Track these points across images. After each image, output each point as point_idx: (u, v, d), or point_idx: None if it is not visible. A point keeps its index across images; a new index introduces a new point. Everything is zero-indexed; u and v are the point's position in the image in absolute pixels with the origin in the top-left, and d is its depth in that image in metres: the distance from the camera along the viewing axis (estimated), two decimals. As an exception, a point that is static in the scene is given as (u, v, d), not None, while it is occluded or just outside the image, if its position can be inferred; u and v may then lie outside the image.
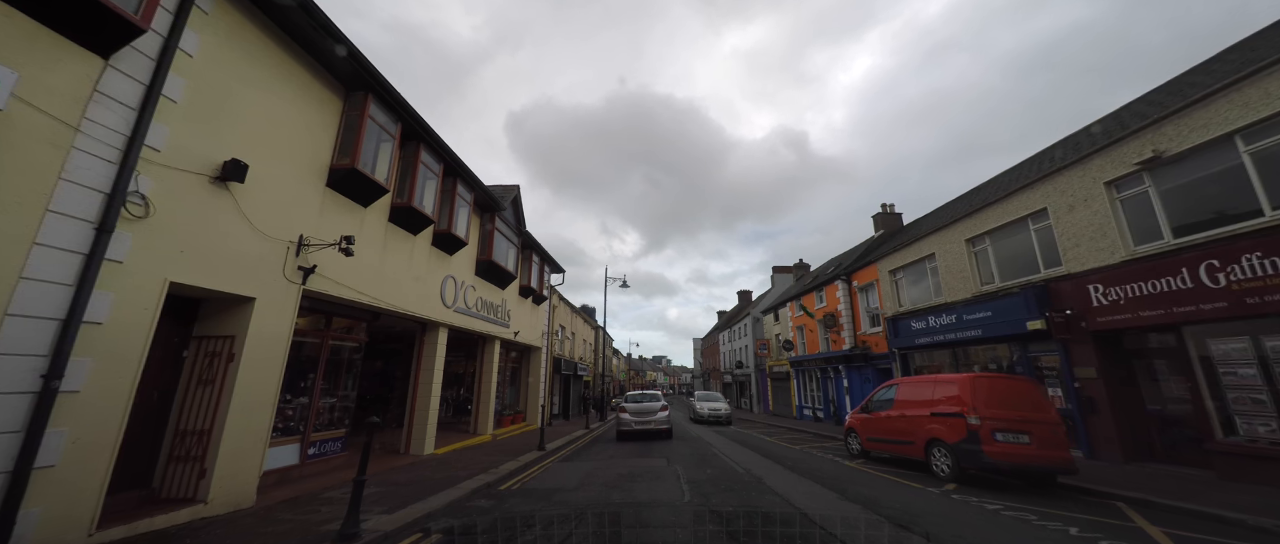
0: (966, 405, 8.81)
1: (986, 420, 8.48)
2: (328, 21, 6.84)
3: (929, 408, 9.80)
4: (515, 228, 16.16)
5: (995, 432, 8.37)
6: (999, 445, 8.26)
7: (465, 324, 12.97)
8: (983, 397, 8.84)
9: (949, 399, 9.38)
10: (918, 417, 10.02)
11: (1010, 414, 8.60)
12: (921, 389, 10.54)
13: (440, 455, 11.03)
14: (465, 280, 12.98)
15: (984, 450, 8.25)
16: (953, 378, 9.85)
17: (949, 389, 9.57)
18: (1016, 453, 8.20)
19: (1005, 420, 8.48)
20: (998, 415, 8.55)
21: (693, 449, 13.08)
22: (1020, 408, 8.75)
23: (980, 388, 9.01)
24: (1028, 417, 8.63)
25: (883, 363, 19.68)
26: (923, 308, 17.09)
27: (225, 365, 6.17)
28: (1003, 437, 8.33)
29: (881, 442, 11.24)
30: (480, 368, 15.40)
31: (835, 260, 28.37)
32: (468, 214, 12.50)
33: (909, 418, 10.31)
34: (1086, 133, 13.69)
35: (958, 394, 9.18)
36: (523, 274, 17.94)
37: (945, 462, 9.02)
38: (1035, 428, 8.48)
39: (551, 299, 22.64)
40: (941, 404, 9.52)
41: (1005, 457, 8.15)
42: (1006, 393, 9.05)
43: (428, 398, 11.26)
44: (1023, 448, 8.26)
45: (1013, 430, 8.39)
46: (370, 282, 8.93)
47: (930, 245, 16.87)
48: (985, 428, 8.41)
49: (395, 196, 9.68)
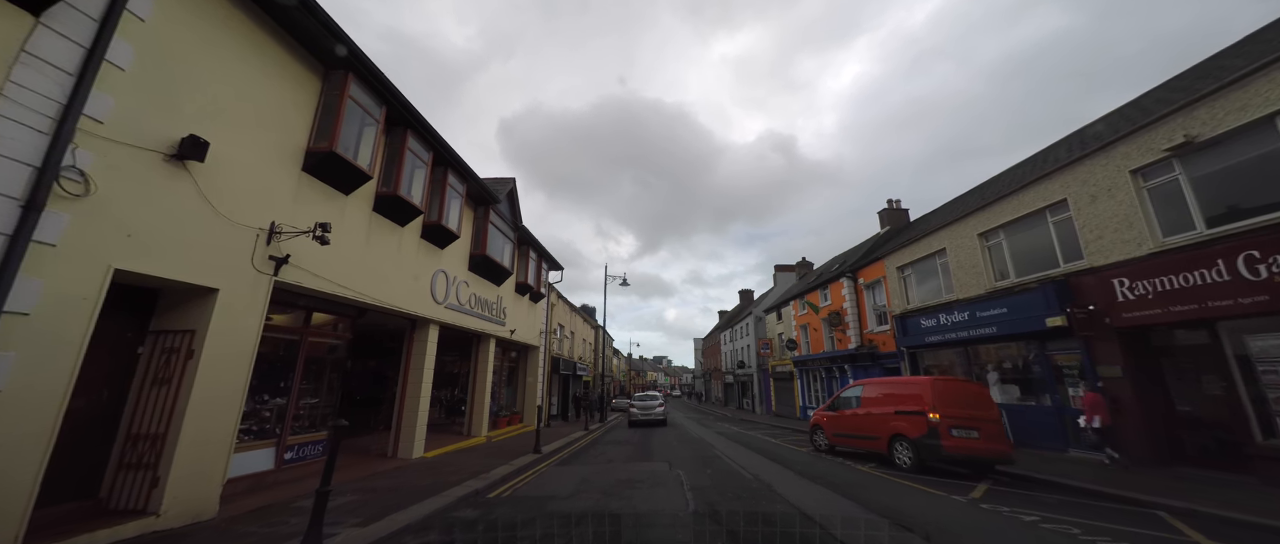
0: (928, 405, 9.80)
1: (945, 418, 9.51)
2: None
3: (894, 406, 10.73)
4: (511, 222, 15.61)
5: (951, 428, 9.44)
6: (954, 439, 9.33)
7: (458, 321, 12.42)
8: (942, 397, 9.89)
9: (912, 398, 10.34)
10: (882, 414, 10.94)
11: (963, 412, 9.72)
12: (885, 390, 11.58)
13: (429, 459, 10.47)
14: (458, 276, 12.43)
15: (943, 444, 9.28)
16: (916, 380, 11.03)
17: (912, 390, 10.54)
18: (968, 446, 9.34)
19: (959, 418, 9.58)
20: (954, 413, 9.63)
21: (695, 452, 12.52)
22: (970, 407, 9.94)
23: (939, 389, 10.09)
24: (977, 414, 9.83)
25: (890, 362, 19.10)
26: (932, 305, 16.51)
27: (184, 363, 5.61)
28: (958, 432, 9.42)
29: (847, 437, 12.14)
30: (475, 367, 14.84)
31: (840, 257, 27.80)
32: (460, 206, 11.95)
33: (874, 415, 11.23)
34: (1104, 122, 13.14)
35: (920, 394, 10.17)
36: (519, 271, 17.38)
37: (907, 454, 9.94)
38: (983, 424, 9.68)
39: (549, 297, 22.09)
40: (905, 403, 10.47)
41: (959, 449, 9.26)
42: (960, 394, 10.23)
43: (417, 398, 10.70)
44: (973, 442, 9.41)
45: (965, 427, 9.51)
46: (352, 274, 8.37)
47: (940, 240, 16.30)
48: (943, 424, 9.44)
49: (380, 185, 9.13)
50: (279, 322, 8.07)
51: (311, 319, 8.65)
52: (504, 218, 14.94)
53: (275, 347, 8.08)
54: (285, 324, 8.20)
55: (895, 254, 18.96)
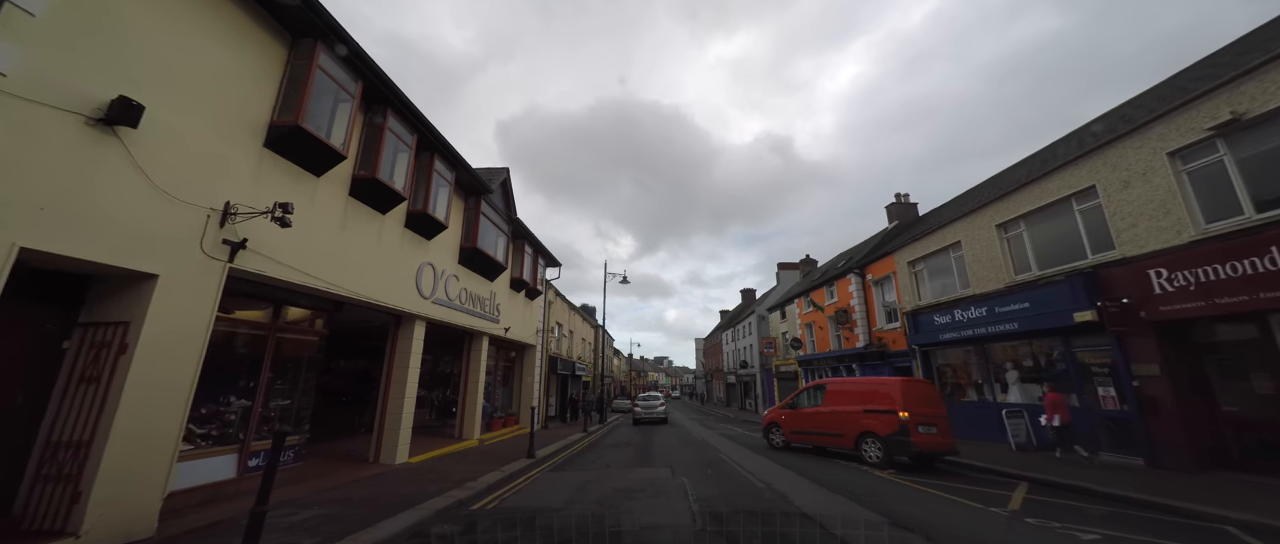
0: (899, 404, 10.45)
1: (913, 416, 10.24)
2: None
3: (862, 405, 11.28)
4: (505, 215, 14.89)
5: (918, 425, 10.21)
6: (921, 436, 10.09)
7: (447, 318, 11.68)
8: (909, 397, 10.62)
9: (883, 398, 10.93)
10: (850, 413, 11.49)
11: (925, 410, 10.53)
12: (852, 389, 12.15)
13: (414, 465, 9.74)
14: (446, 269, 11.70)
15: (912, 440, 10.01)
16: (885, 380, 11.74)
17: (882, 390, 11.16)
18: (930, 441, 10.13)
19: (923, 416, 10.37)
20: (919, 412, 10.39)
21: (699, 455, 11.78)
22: (930, 406, 10.80)
23: (907, 389, 10.85)
24: (934, 412, 10.69)
25: (901, 361, 18.35)
26: (946, 301, 15.77)
27: (114, 358, 4.88)
28: (923, 429, 10.19)
29: (809, 434, 12.74)
30: (466, 367, 14.11)
31: (846, 254, 27.04)
32: (448, 195, 11.22)
33: (840, 413, 11.78)
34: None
35: (890, 394, 10.80)
36: (514, 266, 16.65)
37: (876, 450, 10.59)
38: (938, 421, 10.54)
39: (547, 294, 21.36)
40: (875, 402, 11.04)
41: (924, 444, 10.02)
42: (921, 394, 11.03)
43: (401, 400, 9.97)
44: (933, 437, 10.23)
45: (927, 423, 10.32)
46: (325, 263, 7.64)
47: (955, 233, 15.55)
48: (912, 422, 10.18)
49: (357, 167, 8.40)
50: (243, 315, 7.34)
51: (282, 313, 7.92)
52: (497, 209, 14.21)
53: (238, 342, 7.36)
54: (251, 318, 7.47)
55: (906, 249, 18.22)
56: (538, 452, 11.89)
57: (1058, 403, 10.81)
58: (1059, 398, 10.89)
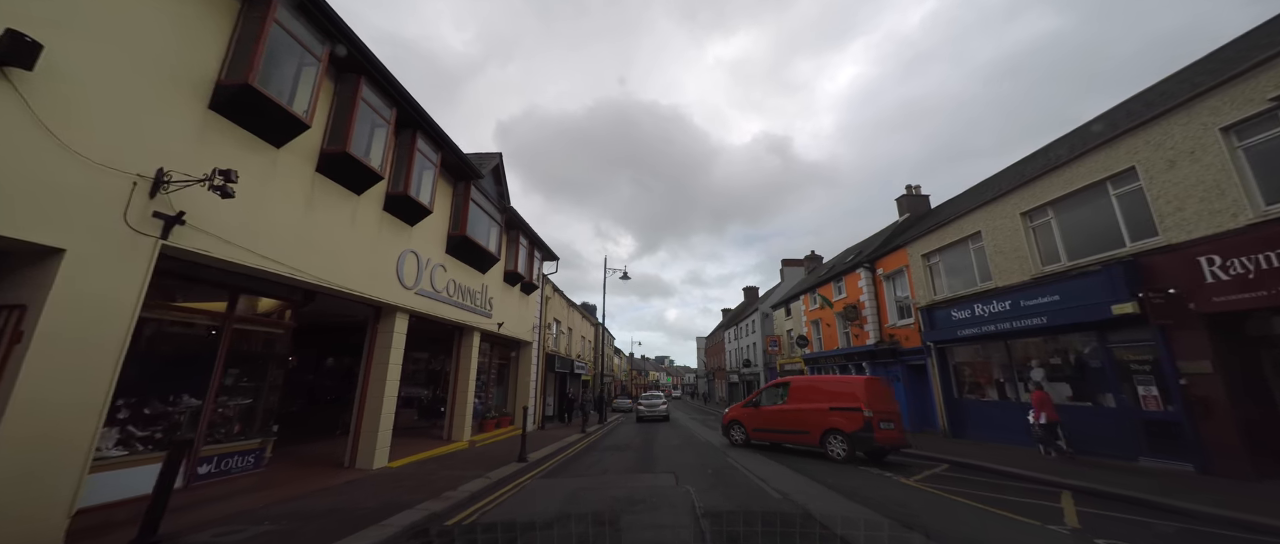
0: (863, 402, 10.89)
1: (876, 414, 10.72)
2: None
3: (828, 403, 11.62)
4: (497, 203, 14.05)
5: (880, 422, 10.69)
6: (882, 432, 10.59)
7: (432, 310, 10.85)
8: (872, 395, 11.09)
9: (848, 396, 11.31)
10: (815, 410, 11.83)
11: (885, 407, 11.07)
12: (817, 388, 12.43)
13: (394, 470, 8.91)
14: (432, 258, 10.86)
15: (874, 437, 10.48)
16: (850, 379, 12.19)
17: (847, 388, 11.54)
18: (889, 437, 10.67)
19: (883, 413, 10.87)
20: (880, 409, 10.90)
21: (705, 459, 10.94)
22: (887, 402, 11.32)
23: (871, 388, 11.25)
24: (892, 409, 11.25)
25: (915, 359, 17.48)
26: (965, 295, 14.90)
27: (6, 348, 4.06)
28: (884, 425, 10.71)
29: (771, 432, 12.98)
30: (456, 364, 13.28)
31: (854, 248, 26.16)
32: (433, 177, 10.39)
33: (805, 411, 12.10)
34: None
35: (855, 393, 11.20)
36: (508, 258, 15.82)
37: (841, 447, 11.02)
38: (895, 418, 11.09)
39: (544, 289, 20.53)
40: (841, 400, 11.41)
41: (884, 440, 10.57)
42: (881, 392, 11.47)
43: (381, 399, 9.15)
44: (891, 433, 10.78)
45: (887, 420, 10.84)
46: (287, 247, 6.81)
47: (975, 222, 14.68)
48: (875, 419, 10.65)
49: (326, 141, 7.57)
50: (193, 304, 6.52)
51: (239, 302, 7.10)
52: (489, 197, 13.38)
53: (186, 334, 6.55)
54: (202, 307, 6.65)
55: (920, 241, 17.34)
56: (530, 455, 11.06)
57: (1044, 401, 11.03)
58: (1045, 396, 11.16)
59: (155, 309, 6.11)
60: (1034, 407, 11.15)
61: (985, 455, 11.11)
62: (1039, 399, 11.11)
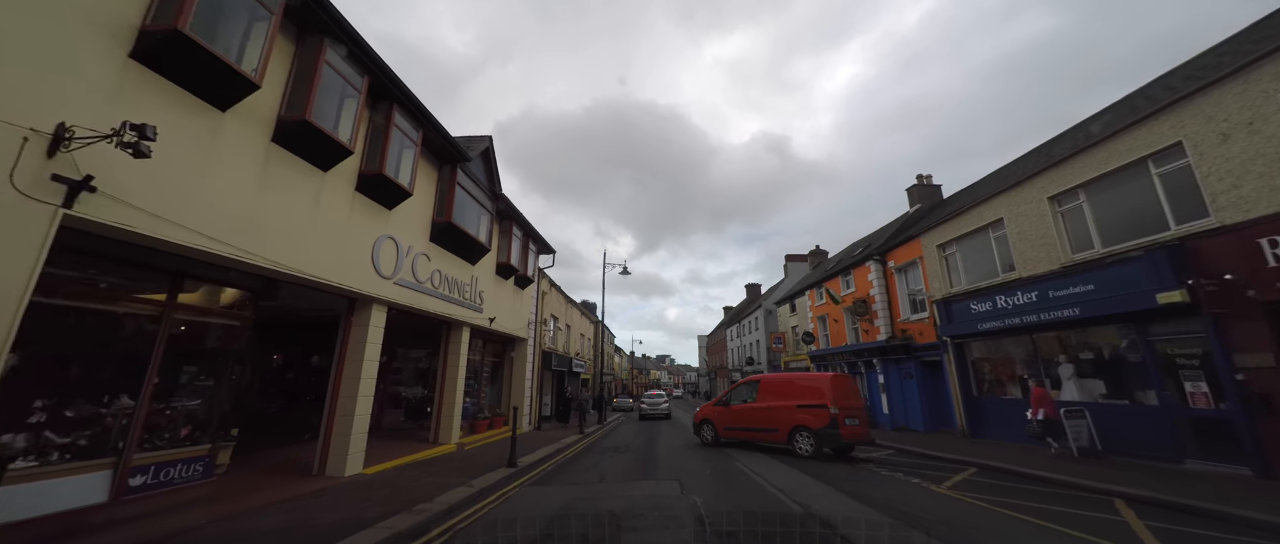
0: (829, 399, 11.04)
1: (841, 410, 10.92)
2: None
3: (796, 401, 11.73)
4: (488, 189, 13.18)
5: (845, 418, 10.91)
6: (847, 428, 10.81)
7: (414, 302, 10.00)
8: (838, 392, 11.26)
9: (814, 393, 11.49)
10: (783, 408, 11.93)
11: (850, 404, 11.35)
12: (785, 386, 12.54)
13: (368, 477, 8.06)
14: (413, 245, 10.00)
15: (840, 433, 10.69)
16: (816, 376, 12.36)
17: (814, 385, 11.72)
18: (853, 433, 10.93)
19: (848, 409, 11.14)
20: (845, 405, 11.13)
21: (713, 466, 10.09)
22: (852, 399, 11.69)
23: (836, 385, 11.44)
24: (856, 405, 11.62)
25: (929, 354, 16.60)
26: (985, 287, 14.03)
27: None
28: (849, 421, 10.94)
29: (741, 430, 13.06)
30: (444, 361, 12.43)
31: (862, 241, 25.28)
32: (414, 158, 9.53)
33: (774, 409, 12.18)
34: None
35: (821, 389, 11.38)
36: (501, 250, 14.97)
37: (808, 443, 11.13)
38: (859, 414, 11.43)
39: (540, 284, 19.67)
40: (808, 397, 11.55)
41: (849, 436, 10.79)
42: (845, 388, 11.72)
43: (354, 399, 8.29)
44: (856, 428, 11.07)
45: (852, 416, 11.12)
46: (235, 225, 5.96)
47: (996, 209, 13.79)
48: (841, 416, 10.85)
49: (284, 107, 6.71)
50: (124, 291, 5.67)
51: (182, 287, 6.24)
52: (478, 182, 12.51)
53: (123, 327, 5.70)
54: (136, 296, 5.80)
55: (935, 230, 16.46)
56: (522, 459, 10.22)
57: (1043, 398, 10.92)
58: (1044, 393, 11.06)
59: (77, 296, 5.27)
60: (1032, 403, 10.98)
61: (1013, 458, 10.25)
62: (1038, 396, 10.94)
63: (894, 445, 13.23)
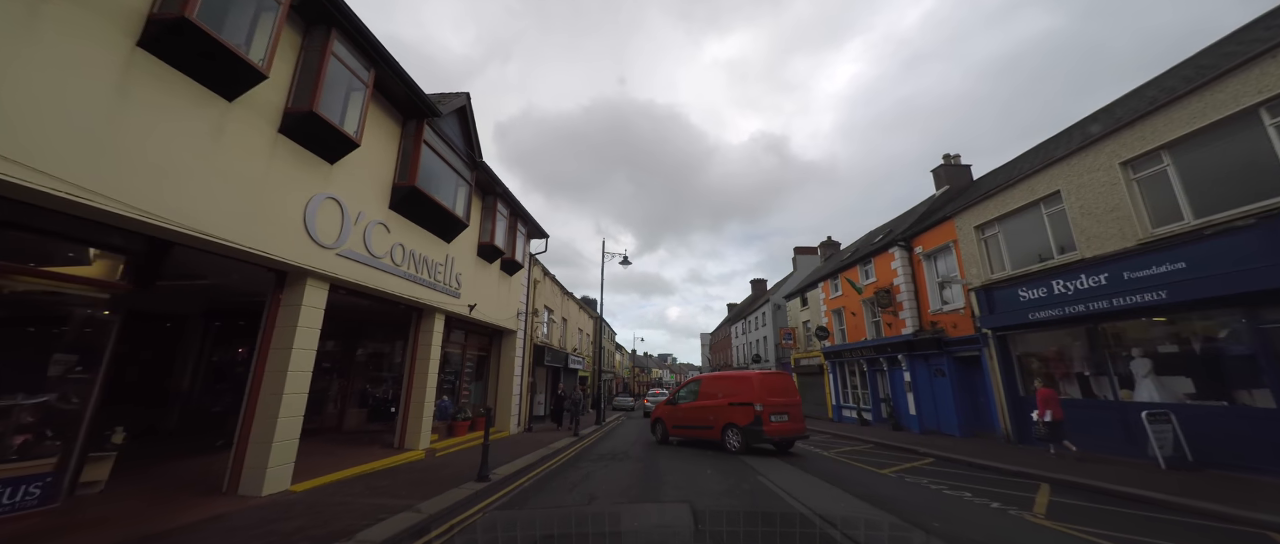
0: (755, 397, 11.30)
1: (767, 407, 11.22)
2: None
3: (728, 399, 11.96)
4: (465, 156, 11.43)
5: (771, 415, 11.24)
6: (773, 424, 11.16)
7: (367, 280, 8.27)
8: (765, 389, 11.52)
9: (744, 391, 11.70)
10: (717, 406, 12.19)
11: (779, 401, 11.54)
12: (722, 385, 12.72)
13: (293, 496, 6.34)
14: (366, 212, 8.27)
15: (764, 430, 11.02)
16: (747, 375, 12.30)
17: (744, 385, 11.89)
18: (781, 429, 11.24)
19: (776, 406, 11.39)
20: (773, 402, 11.38)
21: (726, 475, 8.35)
22: (783, 396, 11.79)
23: (764, 382, 11.68)
24: (787, 401, 11.73)
25: (965, 349, 14.81)
26: (1037, 271, 12.25)
27: None
28: (775, 418, 11.25)
29: (686, 428, 13.28)
30: (412, 353, 10.71)
31: (883, 228, 23.45)
32: (364, 102, 7.79)
33: (710, 407, 12.42)
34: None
35: (750, 388, 11.57)
36: (484, 229, 13.24)
37: (736, 440, 11.37)
38: (791, 409, 11.64)
39: (532, 271, 17.93)
40: (738, 396, 11.76)
41: (775, 432, 11.10)
42: (776, 385, 11.96)
43: (278, 397, 6.57)
44: (784, 424, 11.35)
45: (779, 413, 11.38)
46: (75, 156, 4.23)
47: (1051, 181, 11.99)
48: (765, 412, 11.16)
49: (157, 3, 4.96)
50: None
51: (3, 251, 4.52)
52: (452, 145, 10.76)
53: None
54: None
55: (972, 210, 14.66)
56: (500, 469, 8.51)
57: (1050, 398, 10.50)
58: (1051, 393, 10.63)
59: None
60: (1039, 404, 10.59)
61: (1082, 470, 8.50)
62: (1045, 396, 10.53)
63: (932, 452, 11.46)
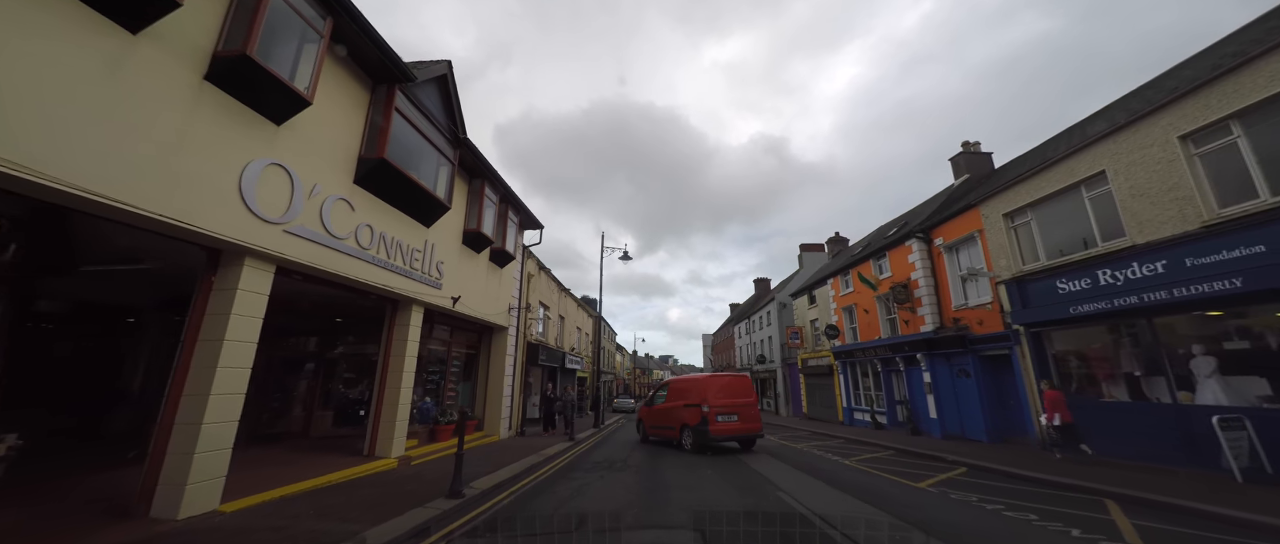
0: (703, 398, 12.07)
1: (713, 408, 11.89)
2: None
3: (684, 401, 12.79)
4: (446, 130, 10.33)
5: (717, 415, 11.88)
6: (719, 424, 11.79)
7: (325, 263, 7.17)
8: (713, 391, 12.24)
9: (696, 393, 12.50)
10: (677, 407, 13.00)
11: (727, 402, 12.16)
12: (683, 386, 13.39)
13: (219, 519, 5.23)
14: (323, 185, 7.17)
15: (710, 430, 11.68)
16: (702, 378, 12.91)
17: (697, 387, 12.63)
18: (728, 428, 11.89)
19: (724, 407, 12.03)
20: (721, 404, 12.04)
21: (748, 498, 7.22)
22: (734, 397, 12.40)
23: (712, 384, 12.46)
24: (737, 402, 12.32)
25: (992, 347, 13.67)
26: (1078, 260, 11.11)
27: None
28: (722, 418, 11.87)
29: (657, 428, 14.00)
30: (386, 350, 9.61)
31: (898, 220, 22.32)
32: (318, 55, 6.69)
33: (673, 408, 13.20)
34: None
35: (700, 390, 12.36)
36: (470, 215, 12.15)
37: (688, 439, 12.29)
38: (741, 410, 12.22)
39: (526, 265, 16.82)
40: (691, 397, 12.61)
41: (721, 432, 11.79)
42: (728, 387, 12.61)
43: (203, 398, 5.46)
44: (732, 424, 11.96)
45: (727, 413, 11.99)
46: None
47: (1094, 161, 10.85)
48: (712, 413, 11.83)
49: (18, -110, 3.88)
50: None
51: None
52: (430, 117, 9.67)
53: None
54: None
55: (1000, 197, 13.52)
56: (479, 481, 7.41)
57: (1057, 401, 10.21)
58: (1058, 395, 10.32)
59: None
60: (1046, 407, 10.30)
61: (1152, 483, 7.35)
62: (1052, 398, 10.21)
63: (963, 460, 10.32)
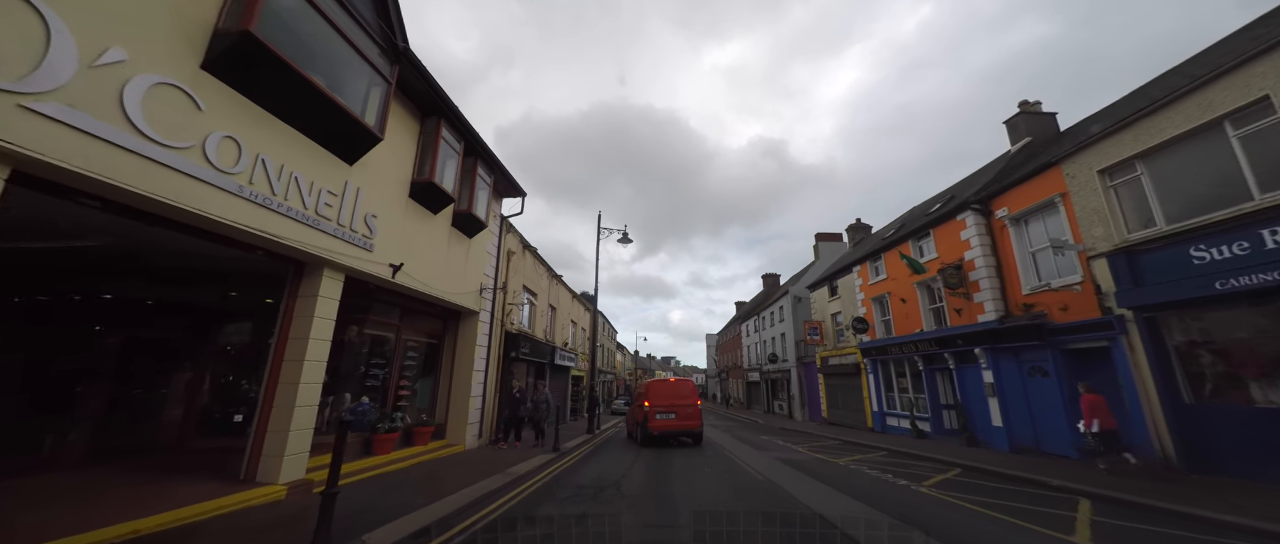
0: (646, 399, 13.97)
1: (652, 407, 13.63)
2: None
3: (639, 402, 14.75)
4: (378, 34, 7.61)
5: (656, 413, 13.52)
6: (656, 421, 13.37)
7: (116, 174, 4.46)
8: (654, 393, 14.09)
9: (642, 395, 14.70)
10: (636, 407, 15.09)
11: (665, 402, 13.83)
12: (640, 390, 16.18)
13: None
14: (135, 58, 4.46)
15: (649, 426, 13.28)
16: (654, 382, 14.70)
17: (644, 389, 14.73)
18: (664, 425, 13.42)
19: (661, 407, 13.68)
20: (658, 403, 13.76)
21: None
22: (673, 398, 14.00)
23: (654, 388, 14.31)
24: (675, 403, 13.87)
25: (1083, 338, 10.88)
26: (1225, 219, 8.35)
27: None
28: (660, 416, 13.48)
29: (630, 423, 16.42)
30: (281, 331, 6.89)
31: (942, 195, 19.43)
32: None
33: (634, 409, 15.55)
34: None
35: (647, 391, 14.36)
36: (423, 163, 9.44)
37: (638, 434, 13.93)
38: (679, 408, 13.74)
39: (504, 239, 14.08)
40: (639, 398, 15.03)
41: (657, 428, 13.31)
42: (669, 389, 14.28)
43: None
44: (668, 421, 13.50)
45: (665, 412, 13.59)
46: None
47: (1247, 85, 8.07)
48: (651, 411, 13.53)
49: None
50: None
51: None
52: (358, 16, 6.96)
53: None
54: None
55: (1095, 147, 10.71)
56: (378, 532, 4.66)
57: (1097, 405, 9.18)
58: (1099, 400, 9.24)
59: None
60: (1084, 413, 9.34)
61: None
62: (1090, 403, 9.27)
63: (1070, 485, 7.50)
